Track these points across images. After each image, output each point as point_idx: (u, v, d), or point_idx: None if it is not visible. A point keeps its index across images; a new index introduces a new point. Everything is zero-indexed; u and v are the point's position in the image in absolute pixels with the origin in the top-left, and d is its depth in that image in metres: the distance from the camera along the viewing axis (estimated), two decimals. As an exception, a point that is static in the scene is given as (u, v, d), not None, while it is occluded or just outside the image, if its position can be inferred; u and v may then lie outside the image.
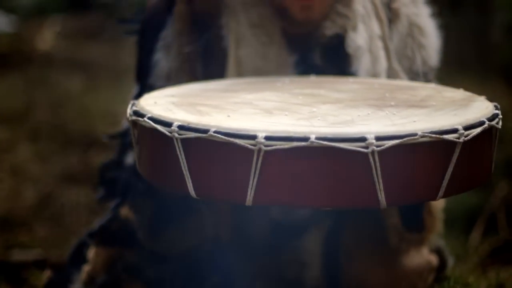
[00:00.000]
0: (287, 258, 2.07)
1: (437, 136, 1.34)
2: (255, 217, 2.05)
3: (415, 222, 2.04)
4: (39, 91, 4.88)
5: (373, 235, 2.03)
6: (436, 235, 2.11)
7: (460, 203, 2.95)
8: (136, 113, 1.50)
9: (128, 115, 1.54)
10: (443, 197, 1.39)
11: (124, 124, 2.10)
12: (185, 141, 1.38)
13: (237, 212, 2.03)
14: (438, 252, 2.15)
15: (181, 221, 1.99)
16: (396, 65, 1.99)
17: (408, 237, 2.02)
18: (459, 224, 2.88)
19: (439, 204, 2.07)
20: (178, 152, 1.39)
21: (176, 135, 1.38)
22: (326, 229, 2.05)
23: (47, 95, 4.81)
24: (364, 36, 1.95)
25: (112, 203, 2.12)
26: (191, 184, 1.39)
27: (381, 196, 1.34)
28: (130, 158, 2.04)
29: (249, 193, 1.34)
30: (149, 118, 1.44)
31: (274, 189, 1.33)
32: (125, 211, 2.03)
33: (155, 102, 1.57)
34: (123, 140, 2.11)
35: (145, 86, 1.98)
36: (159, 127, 1.41)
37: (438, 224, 2.09)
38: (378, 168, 1.31)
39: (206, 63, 1.96)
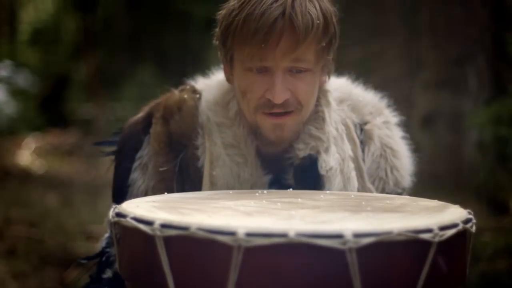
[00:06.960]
0: None
1: (413, 234, 1.38)
2: None
3: None
4: (16, 208, 4.89)
5: None
6: None
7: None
8: (119, 214, 1.53)
9: (110, 216, 1.57)
10: (419, 296, 1.41)
11: (102, 244, 2.11)
12: (167, 239, 1.41)
13: None
14: None
15: None
16: (370, 185, 2.03)
17: None
18: None
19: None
20: (160, 250, 1.41)
21: (158, 233, 1.41)
22: None
23: (24, 211, 4.81)
24: (336, 157, 1.99)
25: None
26: (172, 282, 1.41)
27: (358, 293, 1.36)
28: (108, 273, 2.05)
29: (229, 289, 1.36)
30: (132, 218, 1.48)
31: (254, 285, 1.35)
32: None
33: (137, 206, 1.60)
34: (101, 260, 2.11)
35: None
36: (141, 226, 1.44)
37: None
38: (355, 265, 1.34)
39: (182, 181, 1.99)
